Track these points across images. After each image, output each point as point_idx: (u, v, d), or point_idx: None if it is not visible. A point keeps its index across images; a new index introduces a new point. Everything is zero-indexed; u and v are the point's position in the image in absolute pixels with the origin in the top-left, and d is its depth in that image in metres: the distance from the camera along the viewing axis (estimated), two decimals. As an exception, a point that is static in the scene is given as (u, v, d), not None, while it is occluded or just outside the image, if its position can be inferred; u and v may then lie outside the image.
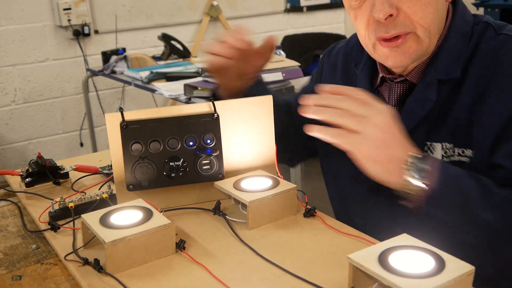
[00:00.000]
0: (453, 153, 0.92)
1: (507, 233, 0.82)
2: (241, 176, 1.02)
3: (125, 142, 0.96)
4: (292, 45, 3.82)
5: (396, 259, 0.68)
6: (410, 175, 0.81)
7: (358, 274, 0.71)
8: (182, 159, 0.98)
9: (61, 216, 1.00)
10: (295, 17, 4.38)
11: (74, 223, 0.95)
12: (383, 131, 0.81)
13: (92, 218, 0.86)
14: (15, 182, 1.22)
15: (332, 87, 0.87)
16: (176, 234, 0.87)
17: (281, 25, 4.30)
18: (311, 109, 0.85)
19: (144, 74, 2.72)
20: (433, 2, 0.90)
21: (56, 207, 1.00)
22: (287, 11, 4.32)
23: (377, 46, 0.94)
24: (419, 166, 0.81)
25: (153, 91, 2.64)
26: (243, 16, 4.11)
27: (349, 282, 0.71)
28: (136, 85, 2.77)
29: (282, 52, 2.79)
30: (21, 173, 1.19)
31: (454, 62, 0.93)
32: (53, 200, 1.02)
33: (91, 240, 0.89)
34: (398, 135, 0.83)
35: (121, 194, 0.99)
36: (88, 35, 3.50)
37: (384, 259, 0.68)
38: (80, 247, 0.88)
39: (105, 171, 1.24)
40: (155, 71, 2.72)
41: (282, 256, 0.83)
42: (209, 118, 0.99)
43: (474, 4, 4.22)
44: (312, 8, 4.43)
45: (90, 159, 1.38)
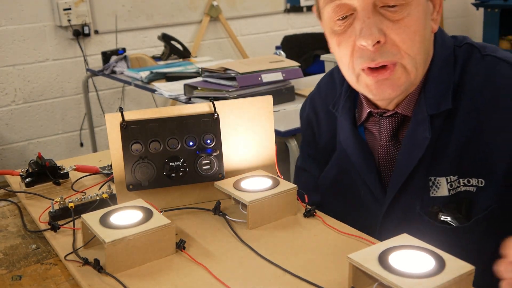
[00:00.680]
0: (459, 185, 0.90)
1: None
2: (241, 176, 1.02)
3: (125, 142, 0.96)
4: (292, 45, 3.83)
5: (396, 259, 0.68)
6: None
7: (358, 274, 0.71)
8: (182, 159, 0.98)
9: (61, 216, 1.00)
10: (295, 17, 4.38)
11: (74, 223, 0.95)
12: None
13: (92, 218, 0.86)
14: (15, 182, 1.22)
15: None
16: (176, 234, 0.87)
17: (281, 25, 4.30)
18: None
19: (144, 74, 2.72)
20: (421, 31, 0.87)
21: (56, 207, 1.00)
22: (287, 11, 4.32)
23: (361, 76, 0.90)
24: None
25: (153, 91, 2.64)
26: (243, 16, 4.11)
27: (349, 282, 0.71)
28: (136, 85, 2.78)
29: (282, 52, 2.79)
30: (21, 173, 1.19)
31: (443, 93, 0.90)
32: (53, 200, 1.02)
33: (91, 240, 0.89)
34: None
35: (121, 194, 0.99)
36: (88, 35, 3.51)
37: (384, 259, 0.68)
38: (80, 247, 0.88)
39: (105, 171, 1.24)
40: (155, 71, 2.73)
41: (282, 256, 0.83)
42: (209, 118, 0.99)
43: (474, 4, 4.22)
44: (312, 8, 4.43)
45: (90, 159, 1.38)
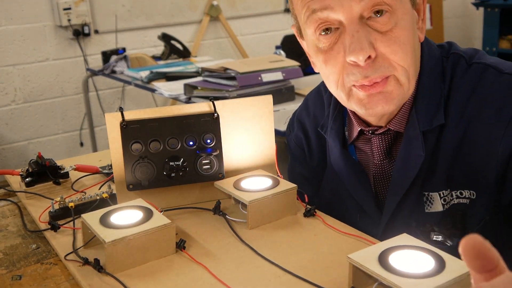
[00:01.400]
0: (452, 197, 0.89)
1: None
2: (241, 176, 1.02)
3: (125, 142, 0.96)
4: (292, 45, 3.82)
5: (396, 259, 0.68)
6: None
7: (358, 274, 0.71)
8: (182, 159, 0.98)
9: (61, 216, 1.00)
10: (295, 17, 4.37)
11: (74, 223, 0.95)
12: None
13: (92, 218, 0.86)
14: (15, 182, 1.22)
15: None
16: (176, 234, 0.87)
17: (281, 25, 4.30)
18: None
19: (144, 74, 2.72)
20: (411, 41, 0.83)
21: (56, 207, 1.00)
22: (287, 11, 4.32)
23: (353, 92, 0.86)
24: None
25: (153, 91, 2.64)
26: (243, 16, 4.11)
27: (349, 282, 0.71)
28: (136, 85, 2.78)
29: (282, 52, 2.79)
30: (21, 173, 1.19)
31: (435, 108, 0.88)
32: (53, 200, 1.02)
33: (91, 240, 0.89)
34: None
35: (121, 194, 0.99)
36: (88, 35, 3.51)
37: (384, 259, 0.68)
38: (80, 247, 0.88)
39: (105, 171, 1.24)
40: (155, 71, 2.73)
41: (282, 256, 0.83)
42: (209, 118, 0.99)
43: (474, 4, 4.22)
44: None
45: (90, 159, 1.38)
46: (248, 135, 1.04)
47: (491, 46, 4.15)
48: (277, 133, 1.15)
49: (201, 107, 1.00)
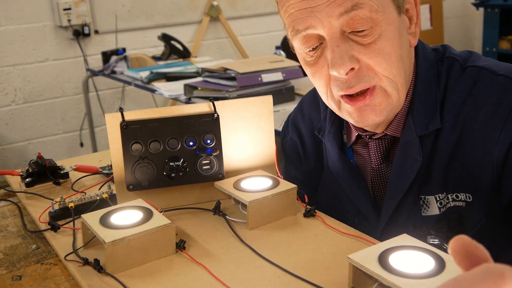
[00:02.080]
0: (448, 200, 0.89)
1: None
2: (241, 176, 1.02)
3: (125, 142, 0.96)
4: (292, 45, 3.82)
5: (396, 259, 0.68)
6: None
7: (358, 274, 0.71)
8: (182, 159, 0.98)
9: (61, 216, 1.00)
10: (295, 17, 4.37)
11: (74, 223, 0.95)
12: None
13: (92, 218, 0.86)
14: (15, 182, 1.22)
15: None
16: (176, 234, 0.87)
17: (281, 25, 4.28)
18: None
19: (144, 74, 2.72)
20: (397, 51, 0.83)
21: (56, 207, 1.00)
22: (287, 11, 4.32)
23: (342, 104, 0.87)
24: None
25: (153, 91, 2.64)
26: (243, 16, 4.11)
27: (349, 282, 0.71)
28: (136, 85, 2.78)
29: (282, 52, 2.79)
30: (21, 173, 1.19)
31: (431, 113, 0.88)
32: (53, 200, 1.02)
33: (91, 240, 0.89)
34: None
35: (121, 194, 0.99)
36: (88, 35, 3.51)
37: (384, 259, 0.68)
38: (80, 247, 0.88)
39: (105, 171, 1.24)
40: (155, 71, 2.73)
41: (282, 256, 0.83)
42: (209, 118, 0.99)
43: (474, 4, 4.22)
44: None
45: (90, 159, 1.38)
46: (248, 135, 1.04)
47: (491, 46, 4.15)
48: (277, 133, 1.15)
49: (201, 107, 1.00)
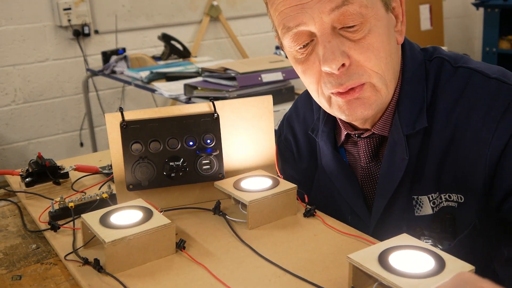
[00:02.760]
0: (441, 200, 0.89)
1: None
2: (241, 176, 1.02)
3: (125, 142, 0.96)
4: (292, 45, 3.82)
5: (396, 259, 0.68)
6: None
7: (358, 274, 0.71)
8: (182, 159, 0.98)
9: (61, 216, 1.00)
10: (295, 17, 4.37)
11: (74, 223, 0.95)
12: None
13: (92, 218, 0.86)
14: (15, 182, 1.22)
15: None
16: (176, 234, 0.87)
17: (281, 25, 4.29)
18: None
19: (144, 74, 2.72)
20: (386, 46, 0.84)
21: (56, 207, 1.00)
22: (287, 11, 4.32)
23: (332, 100, 0.88)
24: None
25: (153, 91, 2.64)
26: (243, 16, 4.11)
27: (349, 282, 0.71)
28: (136, 85, 2.78)
29: (282, 52, 2.79)
30: (21, 173, 1.19)
31: (418, 112, 0.88)
32: (53, 200, 1.02)
33: (91, 240, 0.89)
34: None
35: (121, 194, 0.99)
36: (88, 35, 3.51)
37: (384, 259, 0.68)
38: (80, 247, 0.88)
39: (105, 171, 1.24)
40: (155, 71, 2.73)
41: (282, 256, 0.83)
42: (209, 118, 0.99)
43: (474, 4, 4.22)
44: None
45: (90, 159, 1.38)
46: (248, 135, 1.04)
47: (491, 46, 4.15)
48: (276, 133, 1.16)
49: (201, 107, 1.00)
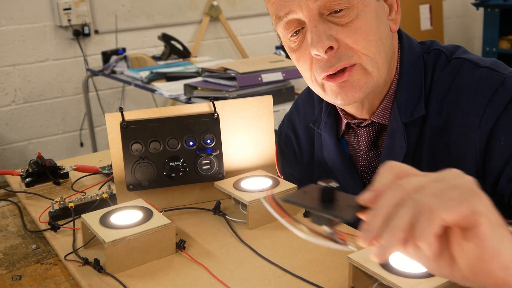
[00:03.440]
0: None
1: None
2: (241, 176, 1.02)
3: (125, 142, 0.96)
4: (292, 45, 3.82)
5: (396, 259, 0.68)
6: None
7: (358, 274, 0.71)
8: (182, 159, 0.98)
9: (61, 216, 1.00)
10: (295, 17, 4.37)
11: (74, 223, 0.95)
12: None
13: (92, 218, 0.86)
14: (15, 182, 1.22)
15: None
16: (176, 234, 0.87)
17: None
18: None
19: (144, 74, 2.72)
20: (375, 30, 0.85)
21: (56, 207, 1.00)
22: (287, 11, 4.32)
23: (325, 85, 0.89)
24: None
25: (153, 91, 2.64)
26: (243, 16, 4.11)
27: (349, 282, 0.71)
28: (136, 85, 2.77)
29: (282, 52, 2.79)
30: (21, 173, 1.19)
31: (416, 101, 0.91)
32: (53, 200, 1.02)
33: (91, 240, 0.89)
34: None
35: (121, 194, 0.99)
36: (88, 35, 3.50)
37: (384, 259, 0.68)
38: (80, 247, 0.88)
39: (105, 171, 1.24)
40: (155, 71, 2.72)
41: (282, 256, 0.83)
42: (209, 118, 0.99)
43: (474, 4, 4.22)
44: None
45: (90, 159, 1.38)
46: (248, 135, 1.04)
47: (491, 46, 4.15)
48: (277, 133, 1.16)
49: (201, 107, 1.00)
